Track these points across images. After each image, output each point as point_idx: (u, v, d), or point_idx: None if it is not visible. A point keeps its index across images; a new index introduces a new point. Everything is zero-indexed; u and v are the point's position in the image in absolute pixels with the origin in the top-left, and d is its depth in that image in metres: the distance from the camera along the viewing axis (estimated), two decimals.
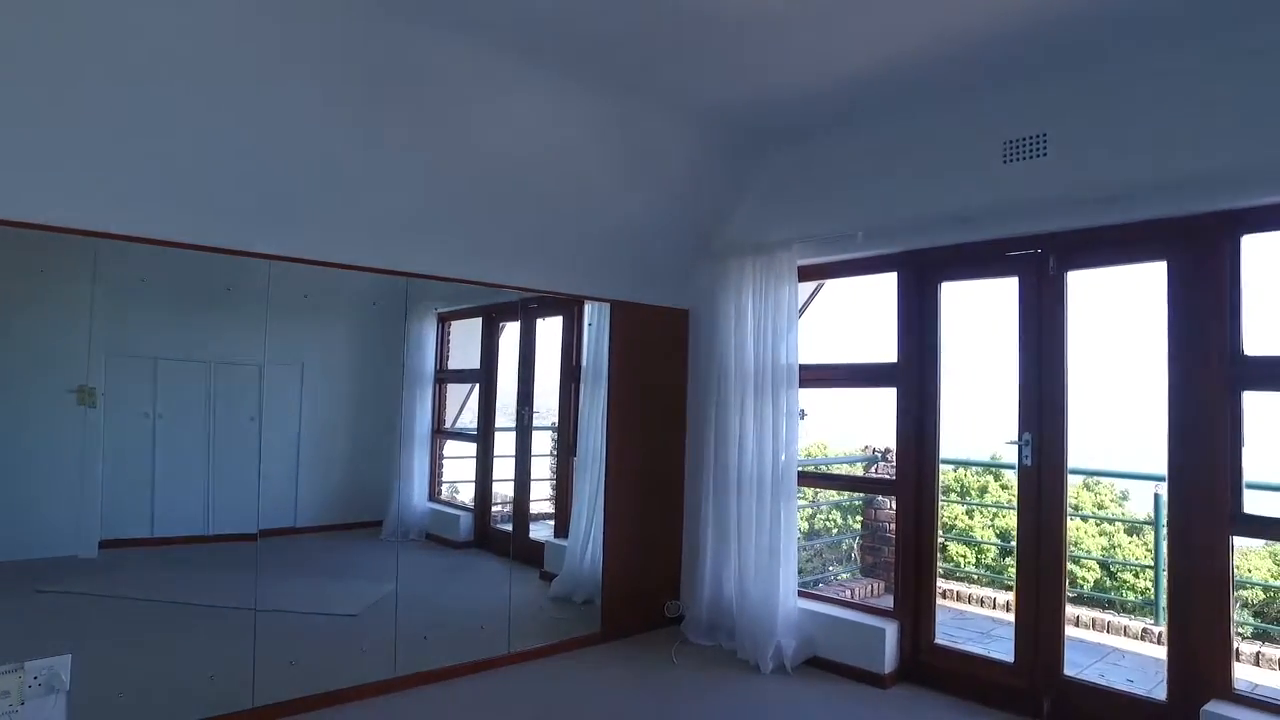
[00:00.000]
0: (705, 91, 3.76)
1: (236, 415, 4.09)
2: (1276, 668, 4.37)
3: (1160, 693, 3.27)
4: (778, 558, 4.15)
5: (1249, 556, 6.89)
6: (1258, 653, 4.45)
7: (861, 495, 6.64)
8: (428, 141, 3.51)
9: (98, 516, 3.79)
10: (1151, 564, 6.02)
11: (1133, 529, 7.25)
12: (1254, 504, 3.09)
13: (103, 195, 2.86)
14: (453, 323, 5.16)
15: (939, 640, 3.96)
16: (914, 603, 3.97)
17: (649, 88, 3.73)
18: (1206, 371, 3.11)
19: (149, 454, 3.97)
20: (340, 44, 3.07)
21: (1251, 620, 6.16)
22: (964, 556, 7.56)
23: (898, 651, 3.94)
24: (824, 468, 7.49)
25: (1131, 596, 6.46)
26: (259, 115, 3.06)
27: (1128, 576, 6.84)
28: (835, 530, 7.14)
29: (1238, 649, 4.46)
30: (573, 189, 4.08)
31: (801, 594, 4.32)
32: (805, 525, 7.34)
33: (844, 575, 6.48)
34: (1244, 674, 4.24)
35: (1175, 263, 3.21)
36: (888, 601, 4.23)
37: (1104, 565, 7.05)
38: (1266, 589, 6.39)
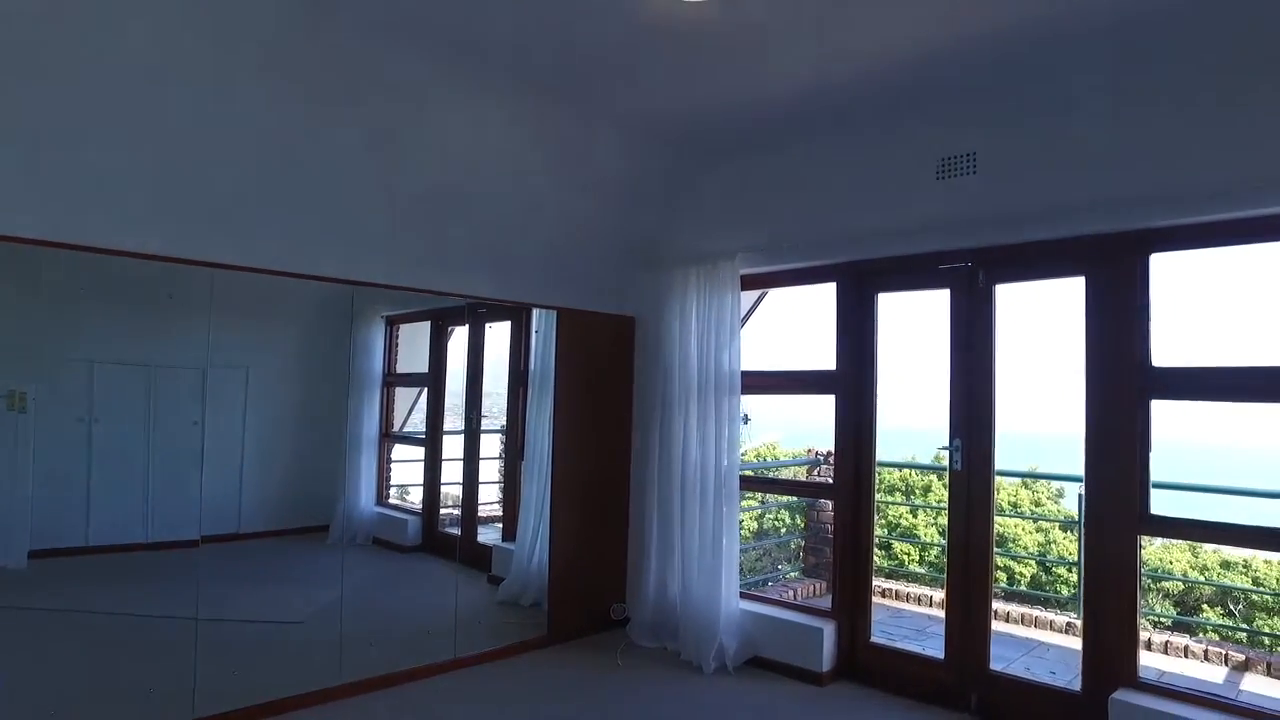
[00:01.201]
0: (651, 105, 3.83)
1: (178, 420, 4.02)
2: (1183, 655, 4.63)
3: (1077, 683, 3.44)
4: (720, 560, 4.25)
5: (1170, 550, 7.24)
6: (1166, 641, 4.71)
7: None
8: (375, 151, 3.52)
9: (27, 526, 3.70)
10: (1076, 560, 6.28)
11: (1067, 525, 7.55)
12: (1161, 505, 3.28)
13: (41, 203, 2.81)
14: (401, 326, 5.13)
15: (875, 639, 4.10)
16: (851, 603, 4.11)
17: (596, 101, 3.79)
18: (1119, 381, 3.30)
19: (84, 460, 3.89)
20: (288, 53, 3.06)
21: (1172, 610, 6.49)
22: (908, 554, 7.78)
23: (835, 650, 4.07)
24: (770, 471, 7.65)
25: (1065, 591, 6.73)
26: (203, 123, 3.04)
27: (1062, 571, 7.13)
28: (784, 530, 7.28)
29: (1149, 639, 4.72)
30: (520, 198, 4.12)
31: (743, 595, 4.43)
32: (755, 525, 7.47)
33: (793, 574, 6.61)
34: (1157, 663, 4.49)
35: (1092, 278, 3.39)
36: (829, 601, 4.36)
37: (1040, 561, 7.33)
38: (1185, 581, 6.73)
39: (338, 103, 3.29)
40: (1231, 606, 6.38)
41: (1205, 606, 6.48)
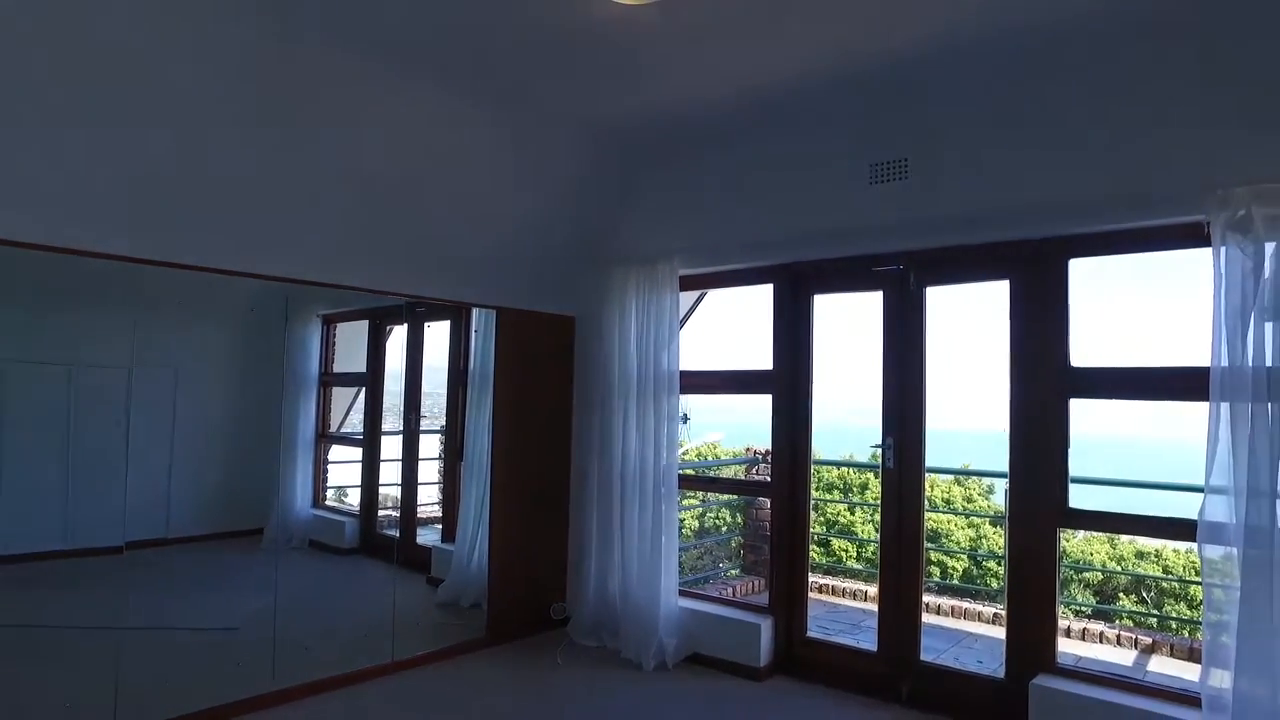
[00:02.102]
0: (591, 105, 3.84)
1: (101, 422, 3.89)
2: (1099, 641, 4.87)
3: (1002, 671, 3.58)
4: (660, 558, 4.29)
5: (1091, 542, 7.56)
6: (1084, 629, 4.94)
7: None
8: (309, 146, 3.46)
9: None
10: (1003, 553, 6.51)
11: (996, 520, 7.82)
12: (1081, 499, 3.44)
13: None
14: (338, 325, 5.05)
15: (811, 633, 4.20)
16: (788, 599, 4.19)
17: (535, 99, 3.78)
18: (1040, 381, 3.44)
19: None
20: (221, 47, 2.99)
21: (1092, 600, 6.78)
22: (846, 550, 7.95)
23: (772, 646, 4.15)
24: (710, 470, 7.73)
25: (995, 584, 6.97)
26: (128, 115, 2.94)
27: (991, 565, 7.38)
28: (724, 528, 7.37)
29: (1068, 627, 4.94)
30: (461, 197, 4.09)
31: (683, 593, 4.48)
32: (696, 523, 7.54)
33: (733, 572, 6.70)
34: (1075, 649, 4.70)
35: (1016, 282, 3.53)
36: (767, 598, 4.43)
37: (970, 555, 7.57)
38: (1103, 571, 7.03)
39: (274, 97, 3.22)
40: (1144, 594, 6.70)
41: (1121, 594, 6.79)
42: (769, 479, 4.49)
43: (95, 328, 3.88)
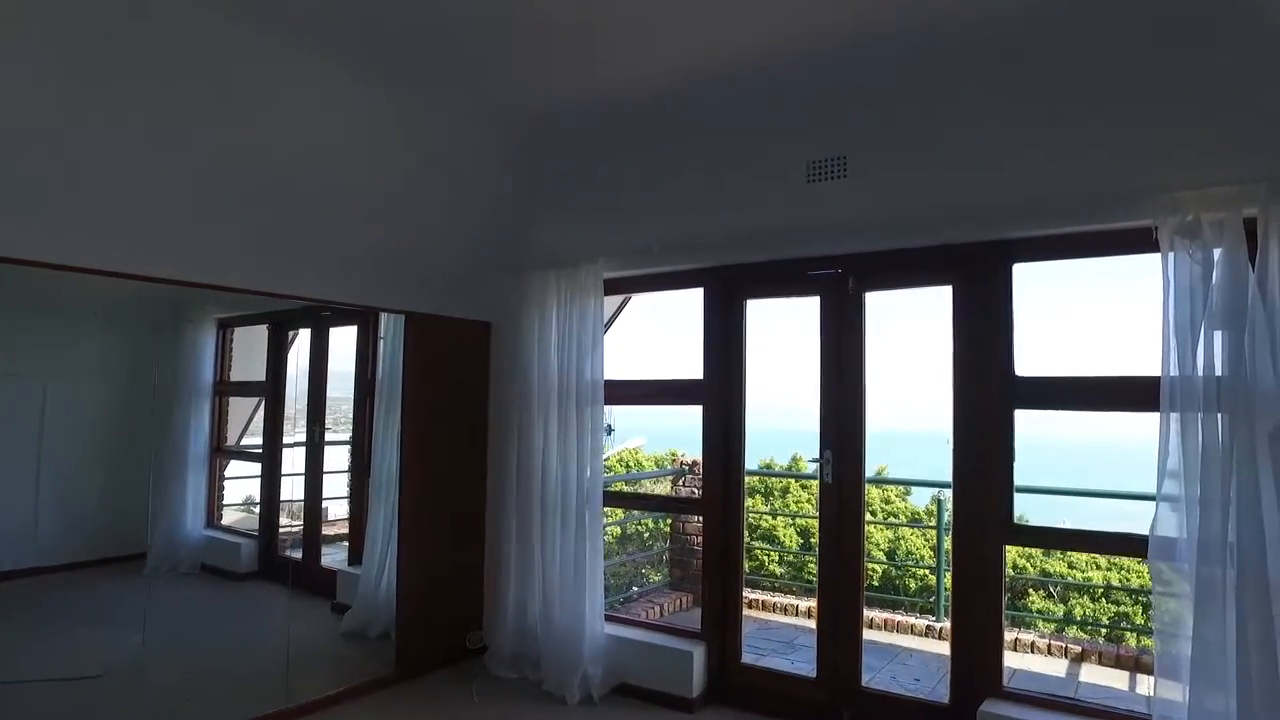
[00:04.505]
0: (512, 98, 3.59)
1: None
2: (1030, 651, 4.81)
3: (941, 690, 3.43)
4: (584, 582, 3.99)
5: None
6: (1015, 639, 4.87)
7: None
8: (203, 135, 3.06)
9: None
10: (932, 557, 6.47)
11: (914, 522, 7.79)
12: (1025, 511, 3.32)
13: None
14: (235, 330, 4.67)
15: (745, 658, 3.97)
16: (721, 623, 3.95)
17: (448, 89, 3.49)
18: (984, 390, 3.30)
19: None
20: (93, 16, 2.59)
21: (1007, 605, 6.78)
22: (768, 555, 7.78)
23: (705, 674, 3.90)
24: (635, 484, 7.46)
25: (912, 585, 6.89)
26: None
27: (918, 570, 7.32)
28: (647, 536, 7.12)
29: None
30: (367, 192, 3.75)
31: (609, 619, 4.19)
32: (618, 529, 7.27)
33: (656, 578, 6.46)
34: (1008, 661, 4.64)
35: (958, 287, 3.39)
36: (695, 615, 4.20)
37: (890, 556, 7.50)
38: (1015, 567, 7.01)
39: (153, 79, 2.82)
40: (1050, 590, 6.71)
41: (1030, 591, 6.76)
42: (699, 494, 4.25)
43: None
